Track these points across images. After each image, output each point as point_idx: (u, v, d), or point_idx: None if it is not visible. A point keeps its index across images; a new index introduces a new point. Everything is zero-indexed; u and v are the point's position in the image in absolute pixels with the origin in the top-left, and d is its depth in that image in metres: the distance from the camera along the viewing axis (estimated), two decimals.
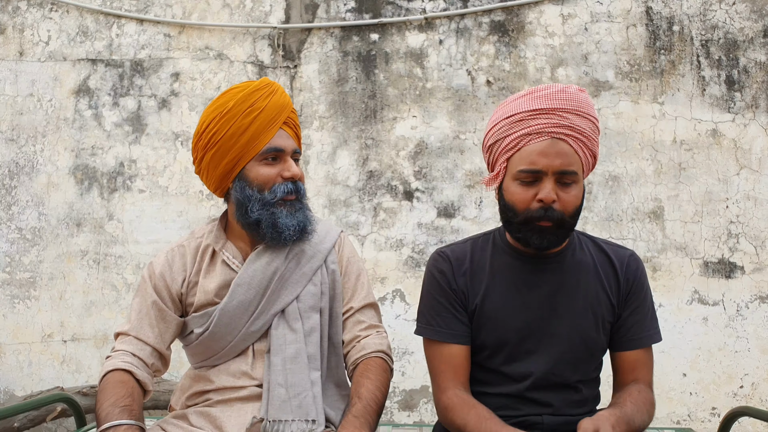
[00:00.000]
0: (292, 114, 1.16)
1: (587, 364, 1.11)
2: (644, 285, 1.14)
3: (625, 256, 1.15)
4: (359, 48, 2.82)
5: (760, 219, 2.55)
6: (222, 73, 2.86)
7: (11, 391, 2.77)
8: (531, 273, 1.11)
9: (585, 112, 1.04)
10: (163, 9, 2.90)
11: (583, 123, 1.04)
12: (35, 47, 2.93)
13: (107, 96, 2.89)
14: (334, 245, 1.21)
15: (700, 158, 2.61)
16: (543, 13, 2.74)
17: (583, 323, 1.09)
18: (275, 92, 1.13)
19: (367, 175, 2.76)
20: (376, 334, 1.20)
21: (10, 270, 2.83)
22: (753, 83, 2.62)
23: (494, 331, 1.11)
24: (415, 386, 2.63)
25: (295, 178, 1.12)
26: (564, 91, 1.05)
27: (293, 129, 1.15)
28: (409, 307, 2.67)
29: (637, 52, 2.68)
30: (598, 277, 1.12)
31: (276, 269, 1.13)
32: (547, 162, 1.01)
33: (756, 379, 2.50)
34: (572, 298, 1.10)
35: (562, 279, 1.11)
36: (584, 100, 1.05)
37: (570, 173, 1.02)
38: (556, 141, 1.02)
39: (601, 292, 1.11)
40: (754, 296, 2.53)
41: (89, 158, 2.87)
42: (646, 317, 1.13)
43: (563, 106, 1.03)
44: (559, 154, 1.01)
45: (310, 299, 1.15)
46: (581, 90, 1.08)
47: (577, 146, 1.03)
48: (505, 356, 1.11)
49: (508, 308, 1.10)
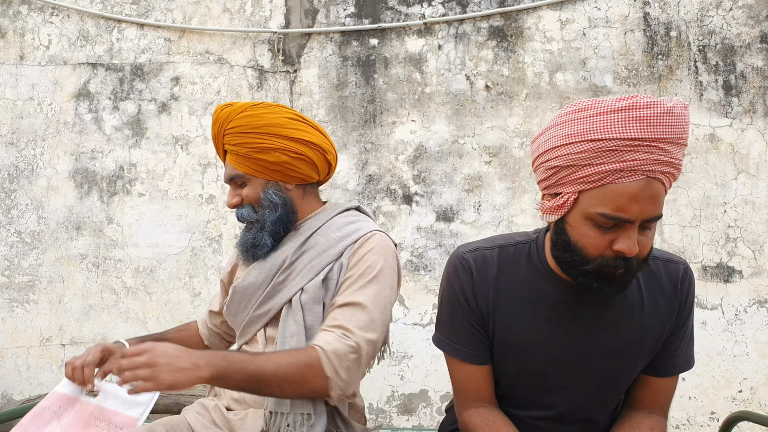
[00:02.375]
0: (226, 137, 1.17)
1: (616, 398, 1.02)
2: (693, 305, 0.98)
3: (678, 274, 0.97)
4: (359, 53, 2.83)
5: (758, 223, 2.56)
6: (222, 78, 2.87)
7: (9, 395, 2.76)
8: (568, 305, 0.95)
9: (685, 139, 0.83)
10: (163, 13, 2.92)
11: (680, 153, 0.82)
12: (36, 51, 2.94)
13: (107, 100, 2.90)
14: (356, 242, 1.14)
15: (698, 163, 2.62)
16: (541, 19, 2.76)
17: (620, 364, 0.96)
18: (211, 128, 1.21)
19: (367, 179, 2.76)
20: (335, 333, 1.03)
21: (9, 273, 2.83)
22: (750, 88, 2.63)
23: (518, 361, 0.99)
24: (414, 390, 2.63)
25: (229, 207, 1.19)
26: (670, 113, 0.80)
27: (232, 153, 1.17)
28: (408, 311, 2.67)
29: (635, 58, 2.69)
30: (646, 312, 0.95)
31: (285, 258, 1.16)
32: (638, 209, 0.80)
33: (755, 384, 2.50)
34: (611, 337, 0.95)
35: (602, 316, 0.95)
36: (687, 124, 0.82)
37: (656, 219, 0.83)
38: (651, 181, 0.80)
39: (649, 330, 0.95)
40: (752, 300, 2.54)
41: (89, 162, 2.87)
42: (684, 340, 0.98)
43: (666, 135, 0.80)
44: (652, 198, 0.80)
45: (315, 292, 1.12)
46: (685, 107, 0.83)
47: (669, 183, 0.83)
48: (528, 387, 1.01)
49: (536, 340, 0.97)
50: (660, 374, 0.98)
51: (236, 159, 1.16)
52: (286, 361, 0.99)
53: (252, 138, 1.14)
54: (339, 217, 1.20)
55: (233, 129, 1.15)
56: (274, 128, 1.14)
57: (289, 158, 1.15)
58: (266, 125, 1.14)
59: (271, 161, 1.14)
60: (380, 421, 2.63)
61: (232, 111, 1.16)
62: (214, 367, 0.94)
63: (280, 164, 1.15)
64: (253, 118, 1.14)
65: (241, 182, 1.17)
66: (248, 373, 0.96)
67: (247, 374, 0.96)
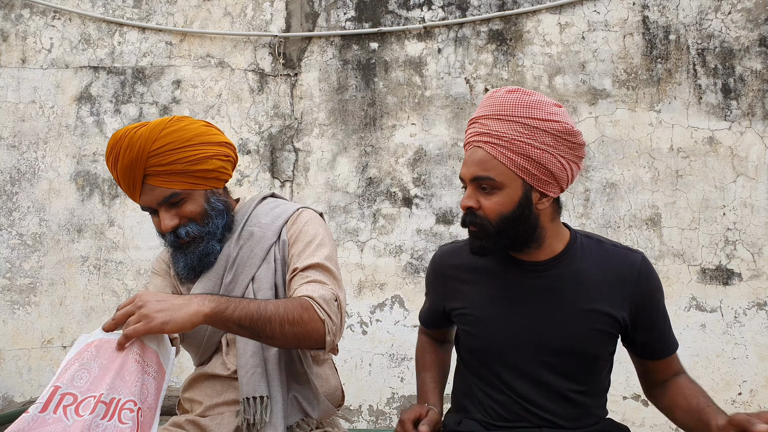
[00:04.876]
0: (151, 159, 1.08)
1: (583, 376, 1.07)
2: (660, 291, 1.09)
3: (635, 264, 1.07)
4: (359, 56, 2.84)
5: (757, 226, 2.57)
6: (223, 81, 2.88)
7: (10, 397, 2.77)
8: (524, 280, 1.07)
9: (507, 116, 0.99)
10: (164, 17, 2.93)
11: (504, 127, 0.99)
12: (38, 54, 2.96)
13: (109, 103, 2.91)
14: (287, 221, 1.19)
15: (697, 166, 2.63)
16: (541, 22, 2.77)
17: (577, 336, 1.04)
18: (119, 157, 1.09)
19: (367, 181, 2.77)
20: (314, 284, 1.07)
21: (10, 276, 2.84)
22: (749, 91, 2.64)
23: (482, 338, 1.10)
24: (414, 392, 2.63)
25: (166, 231, 1.12)
26: (491, 96, 1.03)
27: (159, 175, 1.10)
28: (408, 313, 2.67)
29: (634, 61, 2.70)
30: (601, 288, 1.06)
31: (228, 257, 1.16)
32: (465, 170, 1.03)
33: (754, 386, 2.51)
34: (566, 309, 1.05)
35: (555, 289, 1.06)
36: (509, 103, 1.00)
37: (484, 179, 1.00)
38: (475, 149, 1.02)
39: (603, 305, 1.05)
40: (751, 303, 2.54)
41: (90, 165, 2.88)
42: (666, 322, 1.11)
43: (485, 113, 1.02)
44: (475, 162, 1.01)
45: (264, 278, 1.14)
46: (512, 91, 1.02)
47: (497, 152, 0.99)
48: (496, 363, 1.09)
49: (497, 316, 1.08)
50: (662, 356, 1.12)
51: (168, 178, 1.10)
52: (283, 304, 0.99)
53: (187, 152, 1.11)
54: (260, 206, 1.23)
55: (162, 148, 1.09)
56: (202, 137, 1.14)
57: (221, 162, 1.17)
58: (195, 136, 1.13)
59: (209, 169, 1.14)
60: (380, 423, 2.63)
61: (151, 131, 1.10)
62: (215, 301, 0.91)
63: (215, 170, 1.16)
64: (180, 132, 1.12)
65: (178, 200, 1.12)
66: (250, 310, 0.95)
67: (248, 311, 0.94)
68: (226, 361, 1.15)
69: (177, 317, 0.87)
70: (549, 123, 0.99)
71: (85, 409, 0.81)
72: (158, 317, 0.86)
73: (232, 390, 1.13)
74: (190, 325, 0.89)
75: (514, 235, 1.03)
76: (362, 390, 2.65)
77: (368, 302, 2.68)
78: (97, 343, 0.89)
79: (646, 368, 1.16)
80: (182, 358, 2.75)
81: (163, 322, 0.86)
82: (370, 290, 2.70)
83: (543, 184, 1.01)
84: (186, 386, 1.22)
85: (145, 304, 0.87)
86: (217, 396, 1.14)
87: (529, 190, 1.01)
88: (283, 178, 2.82)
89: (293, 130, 2.84)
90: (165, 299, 0.89)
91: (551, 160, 0.99)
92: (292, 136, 2.84)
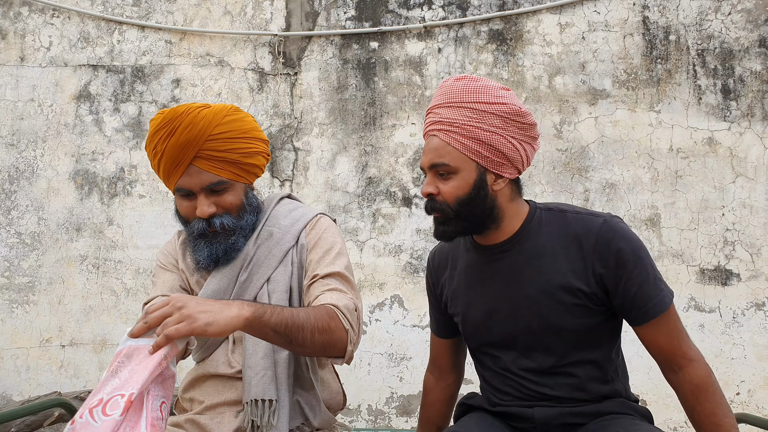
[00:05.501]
0: (209, 143, 1.07)
1: (564, 349, 1.06)
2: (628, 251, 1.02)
3: (593, 228, 1.04)
4: (359, 56, 2.84)
5: (756, 226, 2.58)
6: (223, 80, 2.88)
7: (9, 396, 2.76)
8: (487, 264, 1.12)
9: (456, 102, 1.04)
10: (164, 16, 2.93)
11: (454, 114, 1.03)
12: (36, 53, 2.95)
13: (108, 102, 2.90)
14: (306, 225, 1.19)
15: (696, 166, 2.63)
16: (541, 22, 2.77)
17: (544, 308, 1.05)
18: (173, 132, 1.06)
19: (366, 181, 2.77)
20: (337, 293, 1.08)
21: (8, 275, 2.83)
22: (749, 92, 2.65)
23: (466, 324, 1.16)
24: (413, 392, 2.64)
25: (204, 217, 1.09)
26: (441, 86, 1.08)
27: (211, 159, 1.08)
28: (407, 312, 2.67)
29: (634, 61, 2.71)
30: (560, 258, 1.05)
31: (245, 255, 1.14)
32: (423, 159, 1.08)
33: (753, 386, 2.51)
34: (529, 283, 1.06)
35: (515, 265, 1.08)
36: (457, 90, 1.04)
37: (440, 165, 1.04)
38: (431, 138, 1.07)
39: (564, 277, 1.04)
40: (750, 303, 2.55)
41: (89, 163, 2.88)
42: (645, 284, 1.02)
43: (437, 102, 1.07)
44: (431, 150, 1.06)
45: (281, 280, 1.14)
46: (459, 79, 1.06)
47: (449, 138, 1.03)
48: (484, 346, 1.14)
49: (472, 302, 1.13)
50: (641, 322, 1.04)
51: (219, 165, 1.09)
52: (314, 312, 0.99)
53: (242, 143, 1.11)
54: (279, 206, 1.23)
55: (222, 135, 1.09)
56: (255, 132, 1.15)
57: (264, 160, 1.17)
58: (251, 129, 1.14)
59: (255, 164, 1.15)
60: (379, 423, 2.63)
61: (215, 115, 1.09)
62: (252, 306, 0.90)
63: (258, 167, 1.16)
64: (239, 123, 1.12)
65: (221, 189, 1.10)
66: (284, 316, 0.94)
67: (283, 317, 0.93)
68: (231, 360, 1.14)
69: (219, 319, 0.84)
70: (497, 105, 1.03)
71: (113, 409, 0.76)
72: (202, 318, 0.83)
73: (233, 390, 1.12)
74: (230, 329, 0.87)
75: (472, 216, 1.06)
76: (361, 389, 2.65)
77: (367, 302, 2.68)
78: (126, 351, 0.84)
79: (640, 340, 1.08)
80: None
81: (207, 323, 0.83)
82: (369, 290, 2.70)
83: (497, 166, 1.05)
84: (186, 386, 1.20)
85: (185, 305, 0.84)
86: (218, 395, 1.13)
87: (483, 173, 1.05)
88: (283, 178, 2.81)
89: (293, 130, 2.84)
90: (203, 301, 0.86)
91: (502, 141, 1.03)
92: (291, 136, 2.84)
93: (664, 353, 1.05)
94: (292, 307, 1.12)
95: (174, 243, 1.24)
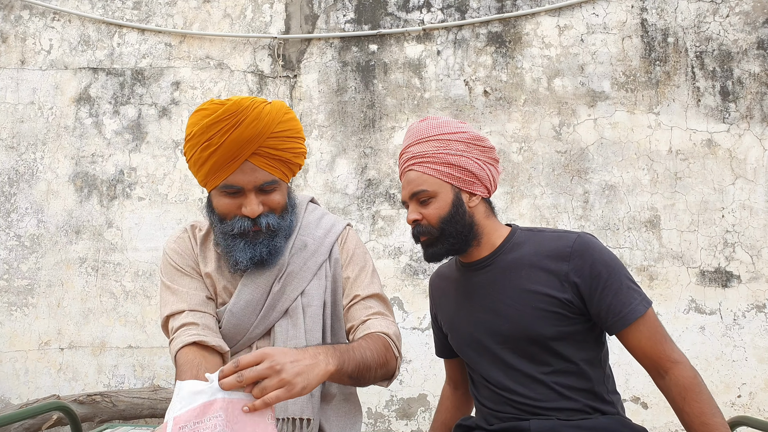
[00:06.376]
0: (270, 140, 1.04)
1: (547, 357, 1.11)
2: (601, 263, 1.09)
3: (568, 243, 1.12)
4: (358, 58, 2.85)
5: (756, 228, 2.57)
6: (222, 83, 2.88)
7: (7, 400, 2.75)
8: (469, 279, 1.22)
9: (424, 137, 1.18)
10: (164, 19, 2.94)
11: (422, 147, 1.18)
12: (37, 56, 2.96)
13: (108, 104, 2.91)
14: (338, 238, 1.19)
15: (695, 168, 2.63)
16: (540, 25, 2.77)
17: (521, 319, 1.12)
18: (238, 125, 1.01)
19: (366, 183, 2.77)
20: (383, 318, 1.11)
21: (7, 277, 2.83)
22: (747, 94, 2.65)
23: (455, 340, 1.25)
24: (412, 395, 2.63)
25: (253, 216, 1.04)
26: (410, 128, 1.23)
27: (267, 157, 1.04)
28: (407, 315, 2.67)
29: (633, 63, 2.71)
30: (535, 271, 1.13)
31: (280, 267, 1.11)
32: (404, 193, 1.21)
33: (753, 389, 2.50)
34: (506, 296, 1.15)
35: (494, 280, 1.17)
36: (423, 128, 1.19)
37: (420, 192, 1.17)
38: (408, 173, 1.20)
39: (539, 285, 1.12)
40: (750, 305, 2.54)
41: (89, 166, 2.88)
42: (619, 292, 1.08)
43: (408, 142, 1.21)
44: (410, 182, 1.19)
45: (315, 294, 1.12)
46: (423, 120, 1.21)
47: (423, 168, 1.17)
48: (473, 361, 1.21)
49: (459, 317, 1.23)
50: (619, 328, 1.10)
51: (273, 164, 1.05)
52: (375, 348, 1.01)
53: (295, 143, 1.08)
54: (308, 214, 1.21)
55: (282, 132, 1.05)
56: (302, 132, 1.12)
57: (303, 161, 1.15)
58: (301, 130, 1.12)
59: (299, 165, 1.13)
60: (379, 426, 2.62)
61: (277, 112, 1.05)
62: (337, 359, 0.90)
63: (299, 167, 1.15)
64: (295, 122, 1.09)
65: (271, 189, 1.07)
66: (358, 362, 0.95)
67: (357, 363, 0.95)
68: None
69: (312, 380, 0.84)
70: (458, 134, 1.18)
71: None
72: (298, 383, 0.82)
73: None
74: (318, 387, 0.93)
75: (455, 233, 1.16)
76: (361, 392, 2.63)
77: None
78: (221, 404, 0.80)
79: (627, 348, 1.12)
80: None
81: (303, 387, 0.82)
82: None
83: (468, 185, 1.17)
84: None
85: (283, 368, 0.81)
86: None
87: (458, 192, 1.17)
88: None
89: None
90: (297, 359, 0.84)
91: (468, 162, 1.17)
92: None
93: (648, 357, 1.09)
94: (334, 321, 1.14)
95: (188, 242, 1.16)
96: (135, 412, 2.32)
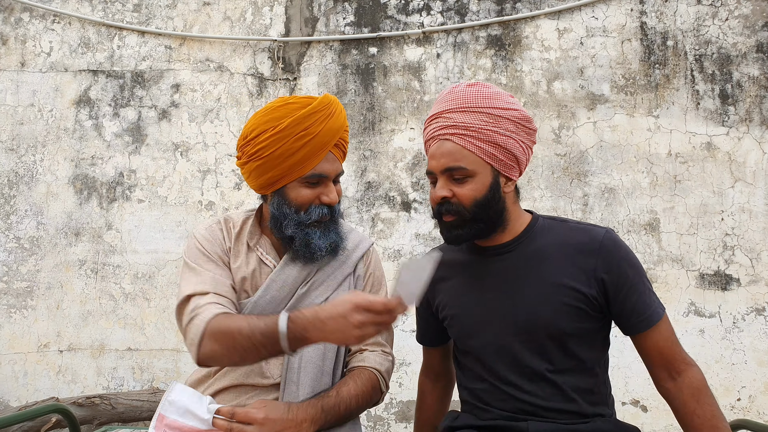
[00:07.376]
0: (344, 134, 1.15)
1: (558, 353, 1.07)
2: (628, 262, 1.07)
3: (597, 238, 1.08)
4: (358, 61, 2.85)
5: (756, 231, 2.57)
6: (222, 85, 2.88)
7: (6, 402, 2.75)
8: (484, 265, 1.13)
9: (471, 107, 1.06)
10: (164, 21, 2.94)
11: (467, 118, 1.06)
12: (37, 58, 2.96)
13: (108, 107, 2.91)
14: (363, 255, 1.24)
15: (695, 171, 2.63)
16: (539, 28, 2.78)
17: (541, 310, 1.06)
18: (332, 115, 1.11)
19: (366, 186, 2.77)
20: (380, 353, 1.18)
21: (7, 279, 2.83)
22: (746, 97, 2.65)
23: (456, 326, 1.17)
24: (411, 397, 2.62)
25: (333, 204, 1.13)
26: (451, 91, 1.10)
27: (342, 149, 1.15)
28: (406, 318, 2.67)
29: (632, 66, 2.71)
30: (562, 262, 1.08)
31: (309, 272, 1.15)
32: (434, 163, 1.08)
33: (753, 392, 2.50)
34: (528, 285, 1.08)
35: (517, 266, 1.10)
36: (471, 95, 1.07)
37: (456, 169, 1.06)
38: (442, 142, 1.08)
39: (566, 278, 1.07)
40: (750, 308, 2.54)
41: (89, 168, 2.88)
42: (644, 294, 1.06)
43: (448, 107, 1.08)
44: (444, 154, 1.07)
45: None
46: (472, 85, 1.09)
47: (465, 142, 1.05)
48: (476, 350, 1.14)
49: (469, 303, 1.14)
50: (640, 329, 1.08)
51: (341, 156, 1.16)
52: (360, 391, 1.11)
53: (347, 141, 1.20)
54: None
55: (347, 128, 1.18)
56: None
57: None
58: None
59: None
60: (378, 428, 2.62)
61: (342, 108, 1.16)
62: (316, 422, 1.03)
63: None
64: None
65: (339, 180, 1.18)
66: (339, 415, 1.07)
67: (338, 416, 1.07)
68: (265, 370, 1.12)
69: None
70: (510, 111, 1.07)
71: None
72: None
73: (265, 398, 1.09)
74: None
75: (487, 218, 1.08)
76: None
77: None
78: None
79: (638, 349, 1.11)
80: (181, 363, 2.74)
81: None
82: None
83: (508, 169, 1.08)
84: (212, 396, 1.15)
85: None
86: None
87: (497, 175, 1.08)
88: None
89: None
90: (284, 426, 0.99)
91: (516, 145, 1.07)
92: None
93: (665, 358, 1.07)
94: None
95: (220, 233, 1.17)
96: (134, 414, 2.32)
